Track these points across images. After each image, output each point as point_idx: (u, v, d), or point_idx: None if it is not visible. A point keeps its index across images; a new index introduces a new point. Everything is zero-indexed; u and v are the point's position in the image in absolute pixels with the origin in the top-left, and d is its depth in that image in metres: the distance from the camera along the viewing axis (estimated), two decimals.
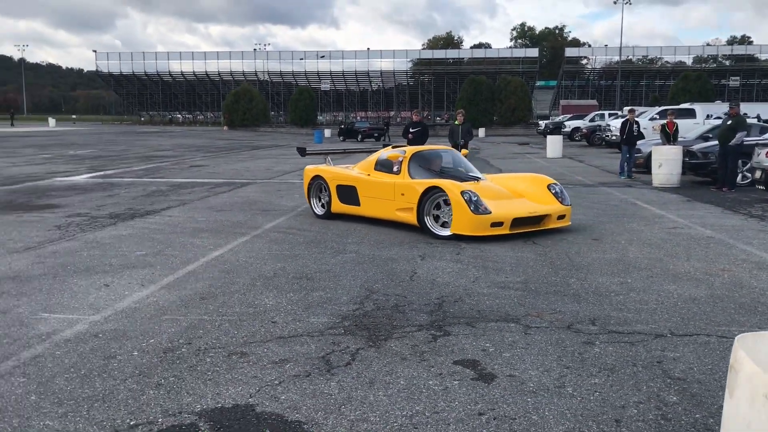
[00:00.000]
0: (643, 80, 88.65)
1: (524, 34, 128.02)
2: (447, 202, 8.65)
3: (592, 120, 42.41)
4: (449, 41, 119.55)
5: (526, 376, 4.02)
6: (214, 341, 4.66)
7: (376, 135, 47.62)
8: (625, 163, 17.91)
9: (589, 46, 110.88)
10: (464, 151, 11.40)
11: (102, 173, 18.56)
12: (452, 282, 6.38)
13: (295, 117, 73.60)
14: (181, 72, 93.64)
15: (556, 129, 43.89)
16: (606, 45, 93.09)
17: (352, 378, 4.00)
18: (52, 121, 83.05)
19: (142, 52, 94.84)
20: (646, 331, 4.88)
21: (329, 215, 10.39)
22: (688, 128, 23.45)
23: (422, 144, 16.05)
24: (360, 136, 46.37)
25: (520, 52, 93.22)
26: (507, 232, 8.55)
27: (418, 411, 3.55)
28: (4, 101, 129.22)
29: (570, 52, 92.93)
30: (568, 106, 66.71)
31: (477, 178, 9.71)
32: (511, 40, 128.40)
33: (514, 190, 9.46)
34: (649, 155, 16.99)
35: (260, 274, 6.63)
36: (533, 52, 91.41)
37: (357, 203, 9.96)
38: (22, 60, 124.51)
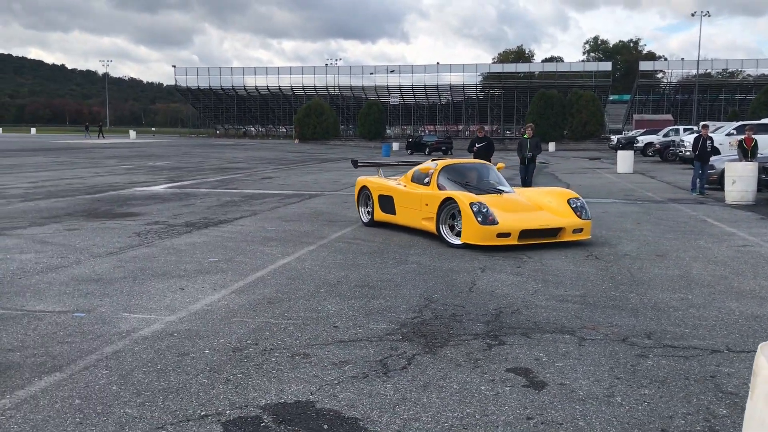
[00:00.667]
0: (722, 94, 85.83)
1: (597, 48, 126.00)
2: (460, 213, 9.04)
3: (666, 135, 41.46)
4: (520, 55, 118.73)
5: (576, 385, 4.13)
6: (279, 342, 4.93)
7: (443, 149, 47.80)
8: (698, 180, 17.52)
9: (665, 59, 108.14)
10: (500, 165, 11.69)
11: (179, 184, 19.37)
12: (511, 294, 6.49)
13: (363, 130, 74.56)
14: (255, 86, 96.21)
15: (629, 144, 43.06)
16: (683, 58, 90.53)
17: (408, 381, 4.19)
18: (132, 133, 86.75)
19: (218, 67, 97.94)
20: (702, 346, 4.90)
21: (373, 223, 11.03)
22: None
23: (488, 159, 16.31)
24: (428, 150, 46.64)
25: (593, 66, 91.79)
26: (515, 242, 8.85)
27: (468, 413, 3.71)
28: (89, 114, 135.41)
29: (644, 65, 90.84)
30: (642, 120, 65.19)
31: (501, 191, 10.01)
32: (584, 53, 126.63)
33: (537, 204, 9.70)
34: (723, 172, 16.57)
35: (324, 282, 6.91)
36: (606, 66, 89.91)
37: (394, 212, 10.55)
38: (106, 75, 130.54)
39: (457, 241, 9.04)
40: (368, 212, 11.24)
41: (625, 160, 26.92)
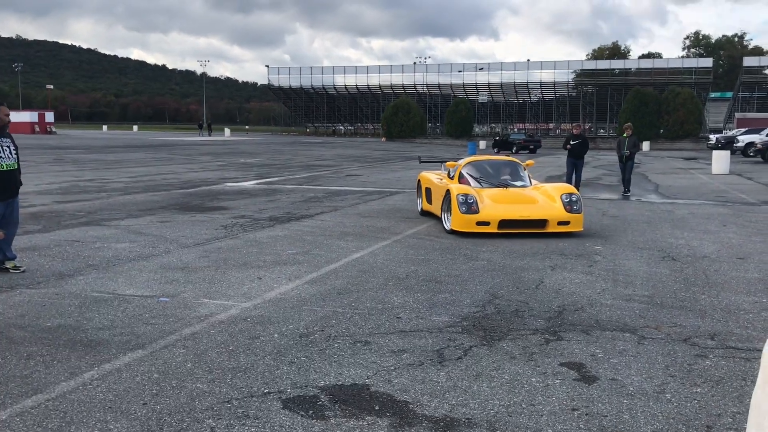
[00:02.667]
0: None
1: (698, 43, 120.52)
2: None
3: None
4: (615, 51, 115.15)
5: (628, 380, 4.18)
6: (344, 330, 5.19)
7: (531, 147, 47.17)
8: None
9: None
10: (529, 162, 12.34)
11: (267, 180, 20.09)
12: (577, 292, 6.52)
13: (450, 128, 74.49)
14: (345, 85, 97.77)
15: (729, 143, 41.21)
16: None
17: (461, 370, 4.35)
18: (227, 131, 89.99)
19: (309, 66, 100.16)
20: None
21: (423, 212, 12.11)
22: None
23: (582, 155, 16.40)
24: (515, 148, 46.14)
25: (692, 62, 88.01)
26: (495, 230, 9.72)
27: (515, 402, 3.85)
28: (187, 112, 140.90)
29: (749, 61, 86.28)
30: (744, 119, 62.14)
31: (508, 185, 10.88)
32: (684, 49, 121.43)
33: (533, 198, 10.37)
34: None
35: (393, 275, 7.14)
36: (707, 62, 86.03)
37: (431, 203, 11.61)
38: (203, 75, 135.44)
39: (448, 227, 10.05)
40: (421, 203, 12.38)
41: (720, 160, 25.86)
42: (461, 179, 11.05)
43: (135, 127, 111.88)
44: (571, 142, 16.64)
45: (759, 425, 1.83)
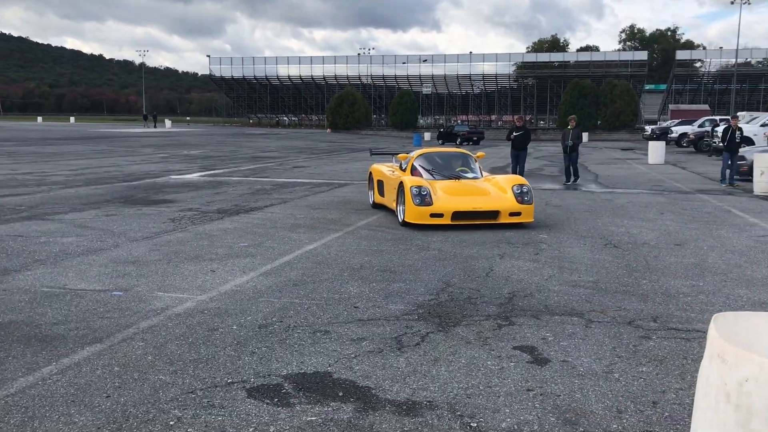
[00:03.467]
0: (761, 84, 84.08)
1: (634, 37, 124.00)
2: None
3: (701, 125, 40.96)
4: (555, 44, 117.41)
5: (578, 362, 4.39)
6: (302, 320, 5.27)
7: (475, 138, 47.79)
8: (727, 171, 17.45)
9: (704, 48, 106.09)
10: (480, 154, 12.64)
11: (212, 172, 19.87)
12: (526, 279, 6.74)
13: (396, 120, 74.74)
14: (288, 76, 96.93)
15: (663, 134, 42.63)
16: (721, 47, 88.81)
17: (419, 356, 4.49)
18: (168, 122, 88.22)
19: (252, 57, 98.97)
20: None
21: (375, 205, 12.07)
22: None
23: (524, 147, 16.87)
24: (459, 140, 46.67)
25: (628, 55, 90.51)
26: (449, 222, 9.84)
27: (473, 385, 4.00)
28: (126, 103, 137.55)
29: (681, 54, 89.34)
30: (678, 110, 64.34)
31: (460, 177, 11.01)
32: (620, 42, 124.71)
33: (485, 189, 10.52)
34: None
35: (348, 266, 7.23)
36: (642, 55, 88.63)
37: (383, 195, 11.64)
38: (142, 65, 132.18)
39: (402, 219, 10.09)
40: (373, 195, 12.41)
41: (656, 150, 26.75)
42: (414, 171, 11.09)
43: (72, 119, 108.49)
44: (514, 134, 17.15)
45: (706, 395, 2.00)
